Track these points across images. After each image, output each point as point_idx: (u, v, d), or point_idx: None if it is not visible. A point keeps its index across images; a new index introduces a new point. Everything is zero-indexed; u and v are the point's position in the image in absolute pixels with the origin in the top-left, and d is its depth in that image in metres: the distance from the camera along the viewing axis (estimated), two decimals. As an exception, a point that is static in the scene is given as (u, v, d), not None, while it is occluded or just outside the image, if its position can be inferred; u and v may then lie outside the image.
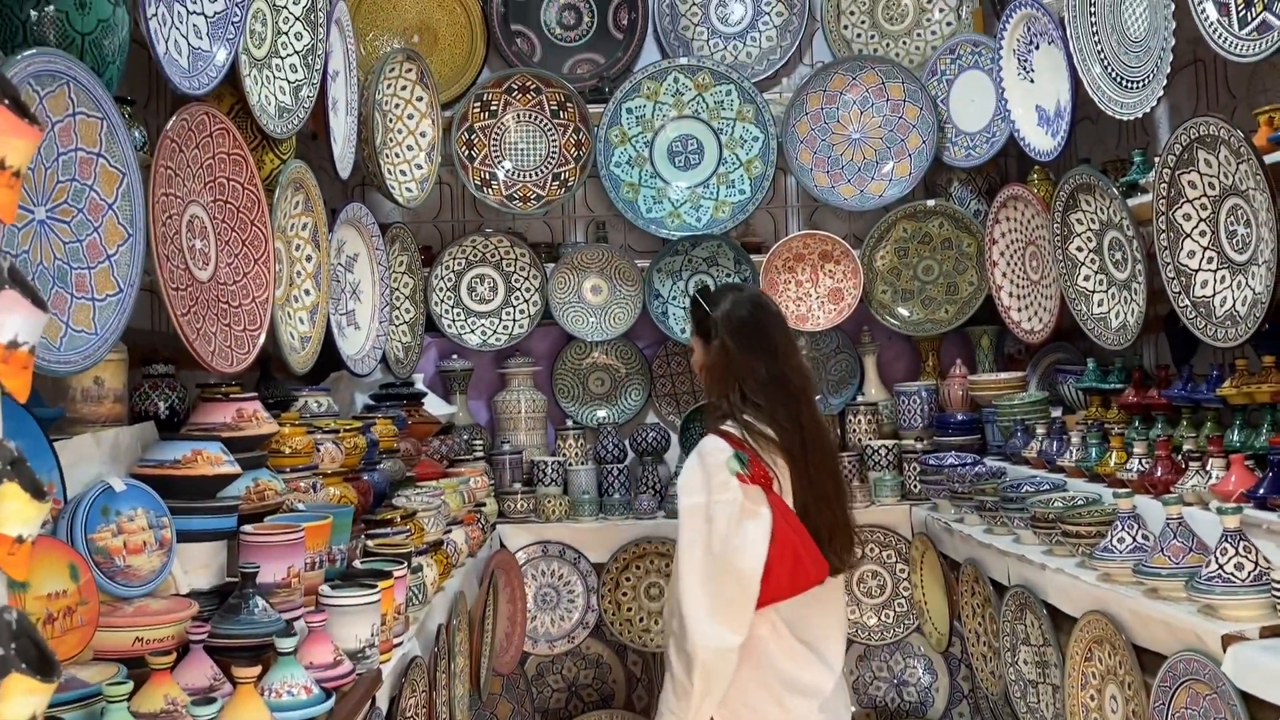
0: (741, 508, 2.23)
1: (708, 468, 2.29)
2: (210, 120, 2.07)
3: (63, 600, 1.47)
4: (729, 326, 2.43)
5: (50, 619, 1.45)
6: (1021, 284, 3.56)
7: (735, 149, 3.99)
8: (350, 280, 3.15)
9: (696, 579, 2.22)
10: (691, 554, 2.24)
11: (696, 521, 2.25)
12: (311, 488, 2.21)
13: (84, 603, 1.51)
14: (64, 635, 1.47)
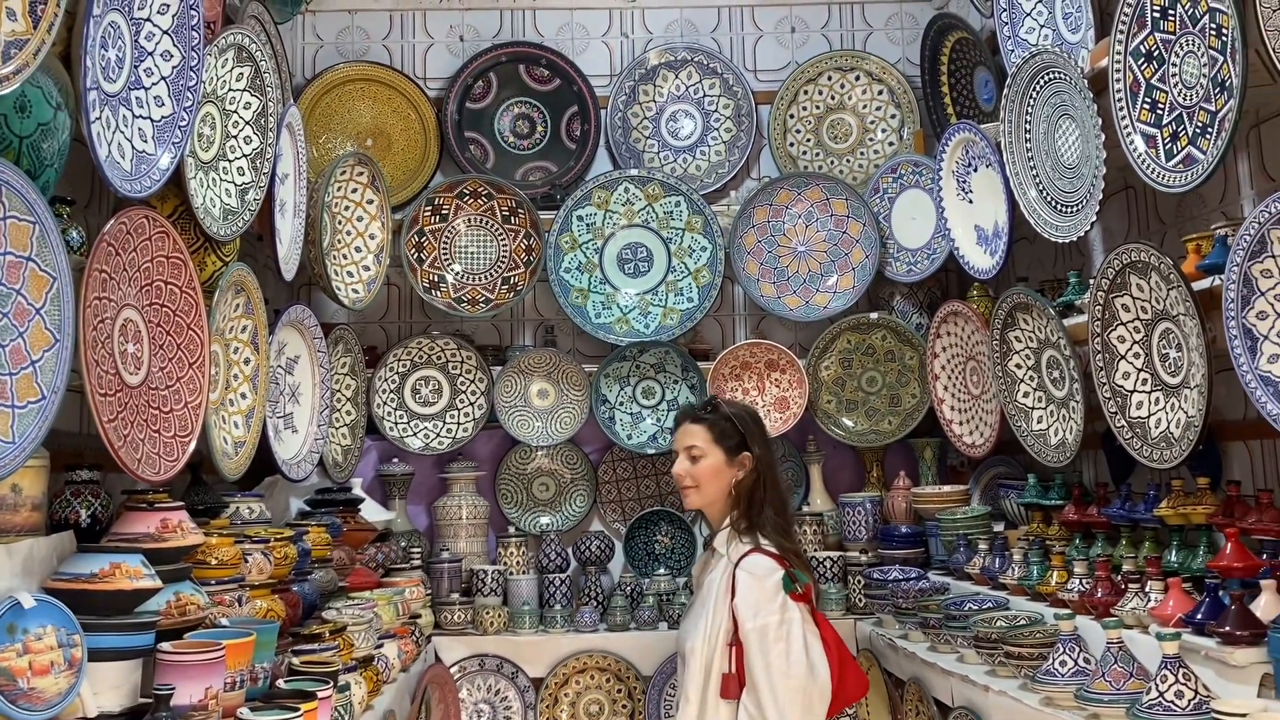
0: (806, 625, 2.29)
1: (766, 587, 2.29)
2: (150, 223, 2.05)
3: (-45, 729, 1.39)
4: (766, 444, 2.51)
5: (-60, 750, 1.36)
6: (963, 398, 3.61)
7: (684, 258, 4.03)
8: (290, 383, 3.10)
9: (784, 700, 2.20)
10: (771, 677, 2.22)
11: (769, 643, 2.24)
12: (237, 601, 2.13)
13: (-22, 732, 1.42)
14: (-46, 767, 1.37)
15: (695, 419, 2.53)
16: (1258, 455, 2.56)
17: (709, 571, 2.46)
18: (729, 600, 2.30)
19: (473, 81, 4.16)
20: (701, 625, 2.33)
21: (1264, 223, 2.05)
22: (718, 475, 2.47)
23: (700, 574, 2.55)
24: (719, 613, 2.32)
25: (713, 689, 2.28)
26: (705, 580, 2.46)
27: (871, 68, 4.21)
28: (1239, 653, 1.92)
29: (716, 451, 2.47)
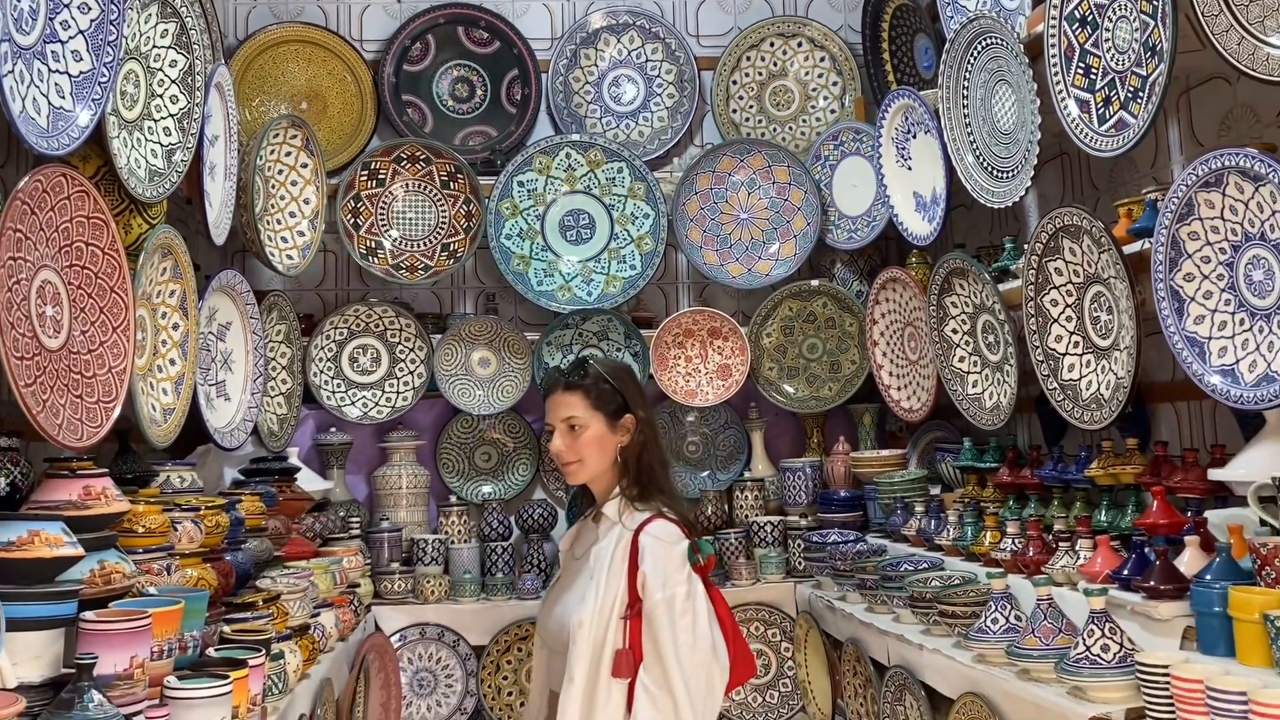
0: (705, 599, 2.16)
1: (674, 556, 2.15)
2: (69, 182, 1.98)
3: None
4: (645, 401, 2.33)
5: None
6: (901, 364, 3.64)
7: (627, 225, 4.01)
8: (222, 350, 3.03)
9: (690, 676, 2.07)
10: (678, 652, 2.08)
11: (676, 616, 2.10)
12: (166, 570, 2.08)
13: (-111, 702, 1.37)
14: None
15: (569, 386, 2.29)
16: (1184, 416, 2.62)
17: (596, 542, 2.25)
18: (626, 570, 2.14)
19: (410, 43, 4.08)
20: (591, 598, 2.13)
21: (1190, 185, 2.08)
22: (602, 445, 2.25)
23: (575, 546, 2.37)
24: (613, 584, 2.14)
25: (605, 667, 2.10)
26: (593, 551, 2.23)
27: (813, 34, 4.20)
28: (1163, 606, 1.97)
29: (597, 419, 2.26)
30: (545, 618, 2.32)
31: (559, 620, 2.22)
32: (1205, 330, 2.11)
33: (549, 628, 2.28)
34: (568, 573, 2.34)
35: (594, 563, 2.20)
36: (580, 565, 2.26)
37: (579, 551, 2.32)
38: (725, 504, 3.87)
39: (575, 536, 2.39)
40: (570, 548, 2.39)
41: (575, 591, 2.22)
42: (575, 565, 2.30)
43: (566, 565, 2.38)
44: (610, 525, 2.25)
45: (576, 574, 2.27)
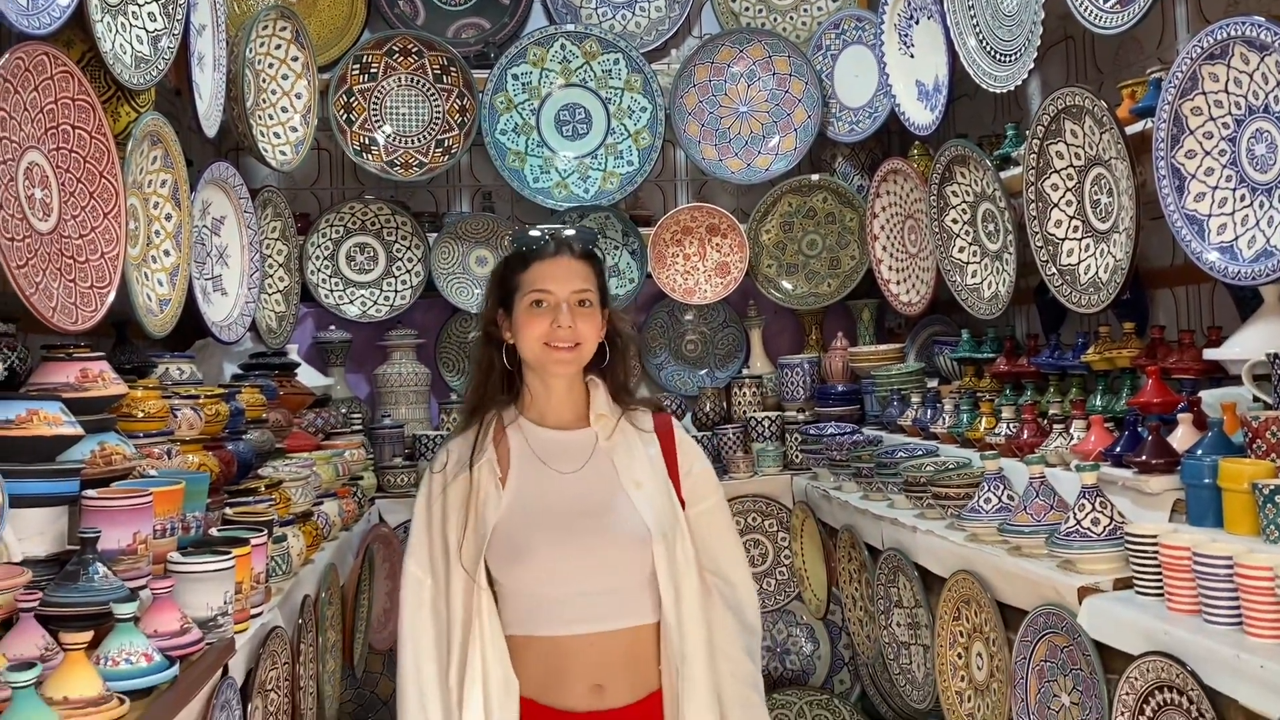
0: None
1: None
2: (51, 61, 1.94)
3: None
4: None
5: None
6: (901, 257, 3.62)
7: (624, 119, 3.95)
8: (217, 244, 3.01)
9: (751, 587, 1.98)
10: (742, 557, 2.00)
11: (730, 519, 2.02)
12: (166, 454, 2.10)
13: (-104, 569, 1.40)
14: (-127, 604, 1.36)
15: (584, 255, 1.90)
16: (1182, 301, 2.61)
17: (599, 446, 1.89)
18: (667, 473, 1.90)
19: (400, -67, 3.97)
20: (655, 507, 1.84)
21: (1195, 58, 2.04)
22: (598, 332, 1.90)
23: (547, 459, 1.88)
24: (663, 491, 1.87)
25: (691, 581, 1.84)
26: (616, 459, 1.88)
27: (814, -81, 4.08)
28: (1154, 480, 1.99)
29: (598, 300, 1.90)
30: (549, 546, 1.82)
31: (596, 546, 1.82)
32: (1205, 208, 2.09)
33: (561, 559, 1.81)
34: (544, 489, 1.87)
35: (627, 470, 1.86)
36: (599, 472, 1.87)
37: (566, 464, 1.88)
38: (724, 401, 3.88)
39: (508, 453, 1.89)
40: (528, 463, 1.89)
41: (602, 508, 1.84)
42: (558, 480, 1.87)
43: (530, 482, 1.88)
44: (609, 424, 1.90)
45: (573, 489, 1.86)
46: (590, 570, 1.82)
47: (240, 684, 1.84)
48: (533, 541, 1.82)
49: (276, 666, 2.02)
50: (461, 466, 1.89)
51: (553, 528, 1.83)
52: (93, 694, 1.35)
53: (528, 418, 1.93)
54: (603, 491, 1.87)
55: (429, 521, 1.90)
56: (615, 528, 1.84)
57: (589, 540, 1.83)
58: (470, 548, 1.84)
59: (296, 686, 2.15)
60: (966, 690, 2.37)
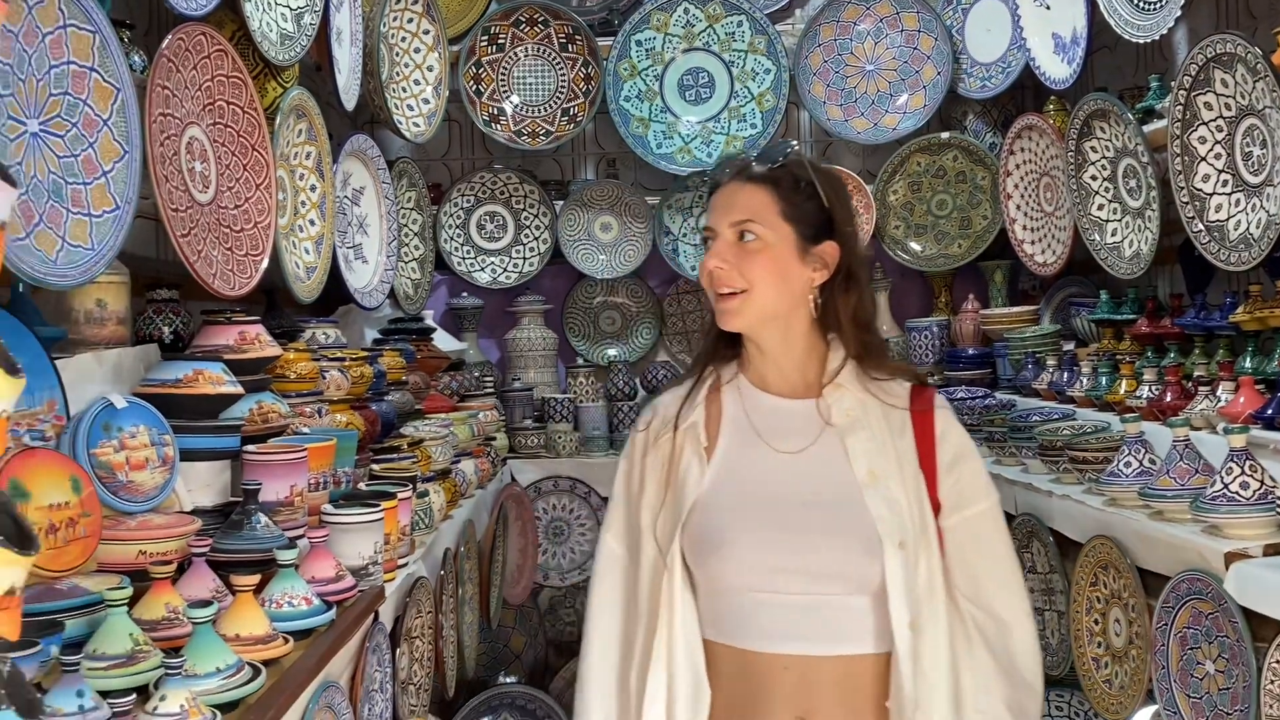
0: None
1: None
2: (208, 41, 2.06)
3: (64, 511, 1.49)
4: (857, 238, 1.60)
5: (53, 529, 1.46)
6: (1035, 216, 3.51)
7: (747, 82, 3.93)
8: (357, 214, 3.14)
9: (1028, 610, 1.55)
10: (1018, 571, 1.57)
11: (1004, 529, 1.59)
12: (317, 413, 2.22)
13: (86, 515, 1.52)
14: (66, 546, 1.48)
15: (754, 176, 1.53)
16: (1343, 257, 2.47)
17: (837, 422, 1.51)
18: (918, 462, 1.51)
19: (525, -97, 4.02)
20: (893, 506, 1.46)
21: (1363, -3, 1.92)
22: (784, 274, 1.50)
23: (761, 431, 1.54)
24: (911, 485, 1.49)
25: (936, 608, 1.45)
26: (850, 440, 1.50)
27: None
28: (1308, 444, 1.91)
29: (785, 234, 1.50)
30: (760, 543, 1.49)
31: (810, 548, 1.48)
32: (1371, 157, 1.97)
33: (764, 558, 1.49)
34: (754, 469, 1.54)
35: (860, 454, 1.50)
36: (800, 460, 1.52)
37: (787, 441, 1.53)
38: (850, 364, 3.85)
39: (719, 417, 1.58)
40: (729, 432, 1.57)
41: (822, 502, 1.50)
42: (773, 460, 1.53)
43: (740, 458, 1.55)
44: (846, 397, 1.53)
45: (790, 473, 1.52)
46: (800, 577, 1.47)
47: (389, 630, 1.95)
48: (732, 531, 1.49)
49: (421, 615, 2.13)
50: (665, 426, 1.59)
51: (758, 518, 1.50)
52: (261, 632, 1.45)
53: (748, 378, 1.58)
54: (827, 481, 1.50)
55: (628, 488, 1.62)
56: (836, 528, 1.48)
57: (801, 540, 1.48)
58: (665, 526, 1.54)
59: (439, 635, 2.26)
60: (1104, 657, 2.32)
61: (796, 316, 1.54)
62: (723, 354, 1.62)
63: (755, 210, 1.51)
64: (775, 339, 1.55)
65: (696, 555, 1.53)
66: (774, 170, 1.54)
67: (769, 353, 1.56)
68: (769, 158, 1.56)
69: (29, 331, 1.60)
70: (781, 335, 1.55)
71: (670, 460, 1.58)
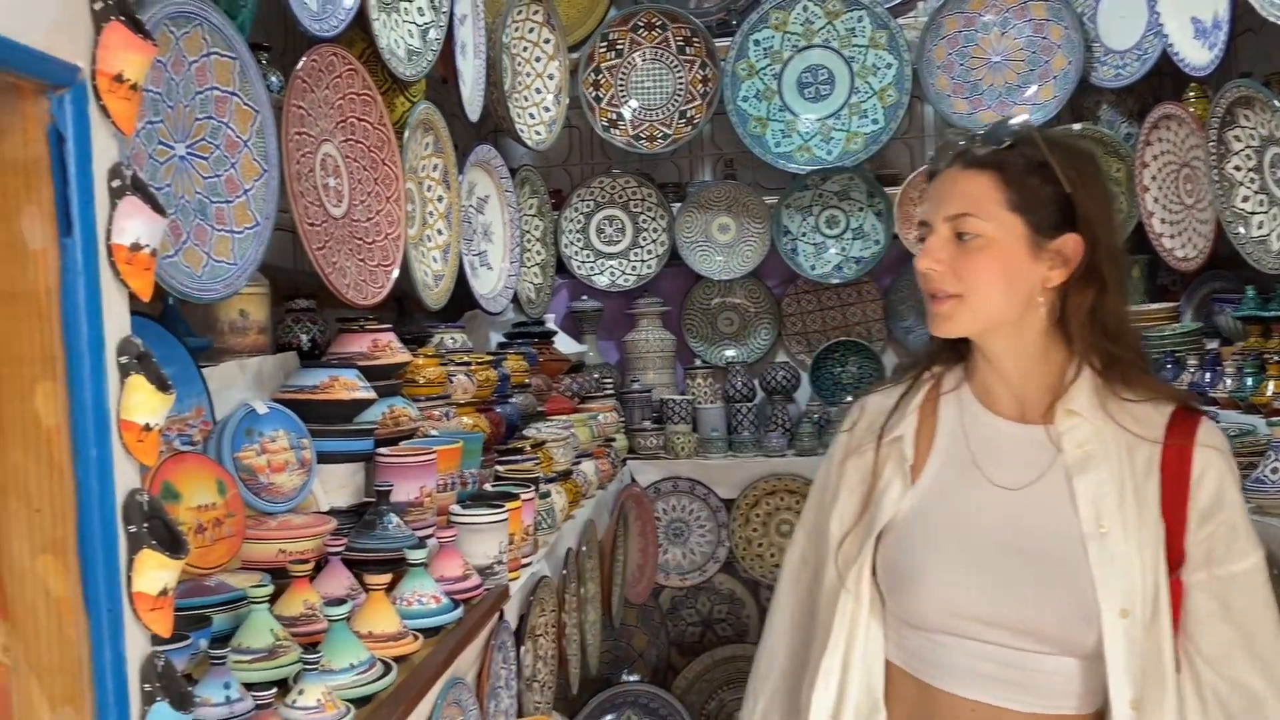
0: None
1: None
2: (340, 61, 2.15)
3: (211, 512, 1.58)
4: (1111, 226, 1.36)
5: (200, 529, 1.56)
6: (1175, 209, 3.36)
7: (868, 77, 3.87)
8: (482, 222, 3.22)
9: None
10: None
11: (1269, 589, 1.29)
12: (444, 416, 2.29)
13: (231, 515, 1.62)
14: (213, 545, 1.58)
15: (974, 161, 1.32)
16: None
17: (1079, 461, 1.30)
18: (1159, 508, 1.28)
19: (642, -92, 4.05)
20: (1120, 566, 1.25)
21: None
22: (1011, 276, 1.31)
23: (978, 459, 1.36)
24: (1156, 535, 1.27)
25: (1164, 677, 1.25)
26: (1087, 474, 1.29)
27: None
28: None
29: (1013, 227, 1.30)
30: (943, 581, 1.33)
31: (1016, 603, 1.29)
32: None
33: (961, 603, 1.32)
34: (965, 500, 1.35)
35: (1091, 498, 1.29)
36: (1020, 498, 1.33)
37: (1007, 473, 1.34)
38: (976, 364, 3.76)
39: (932, 432, 1.41)
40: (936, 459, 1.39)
41: (1038, 553, 1.30)
42: (988, 495, 1.34)
43: (950, 485, 1.38)
44: (1082, 427, 1.32)
45: (1007, 512, 1.33)
46: (998, 630, 1.30)
47: (514, 628, 2.00)
48: (927, 566, 1.34)
49: (545, 613, 2.18)
50: (870, 433, 1.44)
51: (959, 558, 1.33)
52: (392, 629, 1.51)
53: (973, 390, 1.41)
54: (1046, 527, 1.30)
55: (823, 491, 1.50)
56: (1048, 584, 1.28)
57: (1006, 591, 1.29)
58: (852, 545, 1.40)
59: (562, 633, 2.30)
60: None
61: (1028, 322, 1.33)
62: (948, 355, 1.44)
63: (975, 201, 1.31)
64: (1003, 348, 1.36)
65: (887, 581, 1.39)
66: (999, 153, 1.32)
67: (996, 363, 1.37)
68: (995, 138, 1.33)
69: (178, 342, 1.71)
70: (1010, 344, 1.35)
71: (871, 472, 1.42)
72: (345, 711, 1.26)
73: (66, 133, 0.76)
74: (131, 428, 0.81)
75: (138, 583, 0.80)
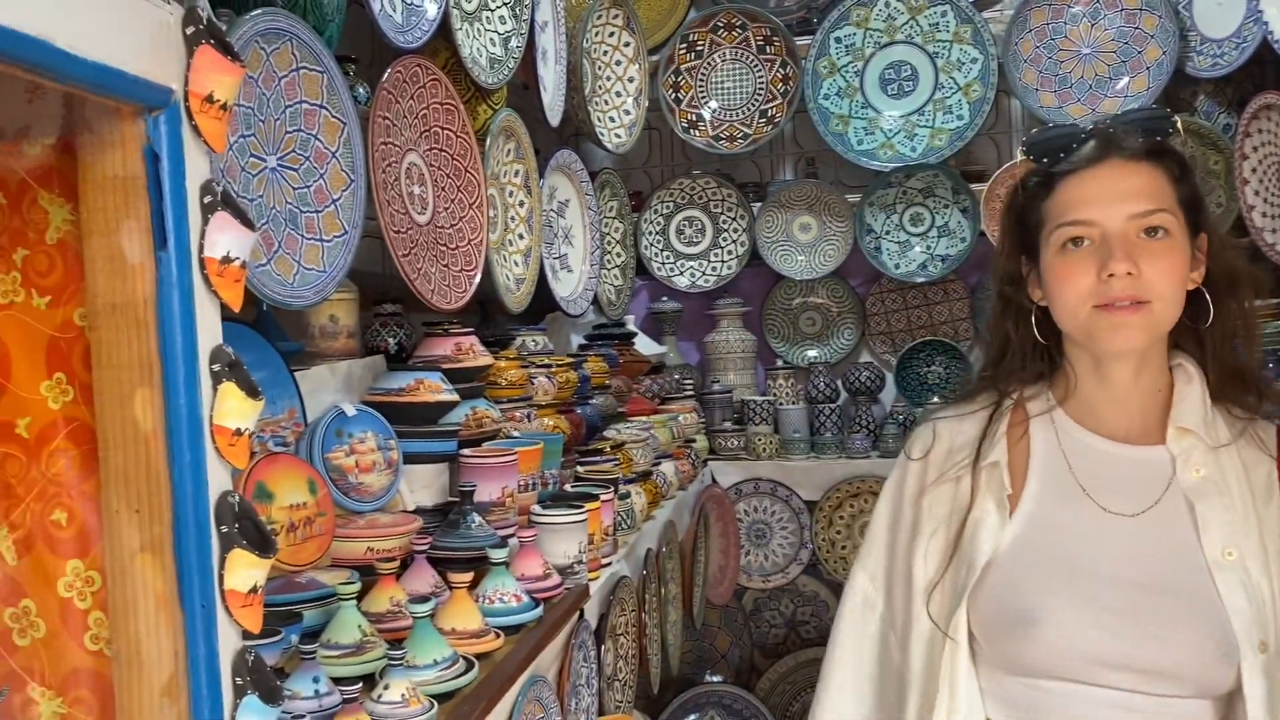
0: None
1: None
2: (423, 72, 2.20)
3: (303, 511, 1.64)
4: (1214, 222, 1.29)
5: (292, 527, 1.61)
6: (1277, 202, 3.23)
7: (952, 73, 3.81)
8: (562, 225, 3.26)
9: None
10: None
11: None
12: (526, 417, 2.33)
13: (321, 514, 1.67)
14: (304, 543, 1.63)
15: (1140, 153, 1.22)
16: None
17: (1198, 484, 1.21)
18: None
19: (721, -91, 4.06)
20: (1253, 595, 1.17)
21: None
22: (1183, 279, 1.22)
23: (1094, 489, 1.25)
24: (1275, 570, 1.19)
25: None
26: (1208, 496, 1.21)
27: None
28: None
29: (1182, 223, 1.22)
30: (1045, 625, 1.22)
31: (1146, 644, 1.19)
32: None
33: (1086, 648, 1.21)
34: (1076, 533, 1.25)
35: (1214, 522, 1.20)
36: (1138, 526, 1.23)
37: (1121, 499, 1.24)
38: (1066, 363, 3.67)
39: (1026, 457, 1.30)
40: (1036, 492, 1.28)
41: (1163, 585, 1.20)
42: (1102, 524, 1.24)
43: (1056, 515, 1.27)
44: (1195, 445, 1.23)
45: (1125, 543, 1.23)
46: (1128, 674, 1.19)
47: (594, 627, 2.02)
48: (1043, 606, 1.21)
49: (625, 613, 2.20)
50: (953, 460, 1.32)
51: (1080, 595, 1.21)
52: (475, 627, 1.55)
53: (1067, 412, 1.30)
54: (1170, 557, 1.20)
55: (892, 527, 1.38)
56: (1182, 621, 1.18)
57: (1136, 629, 1.18)
58: (946, 591, 1.28)
59: (643, 633, 2.32)
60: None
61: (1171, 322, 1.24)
62: (1026, 374, 1.33)
63: (1160, 196, 1.20)
64: (1131, 366, 1.25)
65: (990, 629, 1.25)
66: (1164, 143, 1.22)
67: (1115, 382, 1.25)
68: (1157, 127, 1.21)
69: (272, 348, 1.77)
70: (1140, 360, 1.24)
71: (958, 504, 1.30)
72: (429, 707, 1.29)
73: (161, 152, 0.80)
74: (223, 432, 0.85)
75: (229, 581, 0.84)
